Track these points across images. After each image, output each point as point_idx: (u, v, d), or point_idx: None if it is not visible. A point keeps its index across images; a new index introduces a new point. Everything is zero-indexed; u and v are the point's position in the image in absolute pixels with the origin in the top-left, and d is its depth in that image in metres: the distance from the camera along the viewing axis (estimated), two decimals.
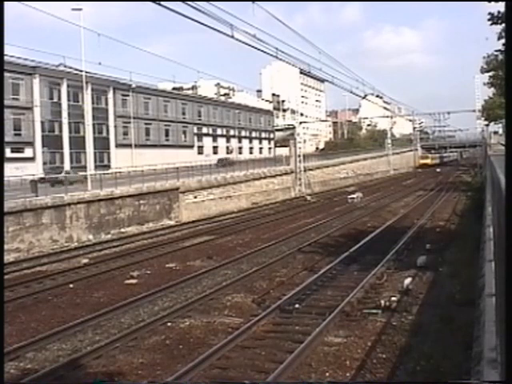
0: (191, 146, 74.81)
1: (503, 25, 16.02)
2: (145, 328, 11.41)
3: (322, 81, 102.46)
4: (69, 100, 55.25)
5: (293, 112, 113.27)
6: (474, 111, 72.89)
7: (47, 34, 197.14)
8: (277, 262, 18.32)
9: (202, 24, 10.99)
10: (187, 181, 35.46)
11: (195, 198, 35.15)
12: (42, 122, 52.76)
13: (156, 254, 21.14)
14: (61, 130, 54.60)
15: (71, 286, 16.16)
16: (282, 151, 70.79)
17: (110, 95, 61.09)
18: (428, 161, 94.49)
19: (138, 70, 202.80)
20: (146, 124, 66.32)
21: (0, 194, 6.89)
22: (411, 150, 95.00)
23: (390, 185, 59.32)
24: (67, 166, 53.56)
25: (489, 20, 16.76)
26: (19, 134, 50.01)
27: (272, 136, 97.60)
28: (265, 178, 45.51)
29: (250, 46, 13.46)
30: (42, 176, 38.02)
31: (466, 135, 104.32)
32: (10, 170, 35.81)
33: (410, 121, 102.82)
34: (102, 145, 58.69)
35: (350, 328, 11.12)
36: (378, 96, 54.36)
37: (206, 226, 30.02)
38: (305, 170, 52.16)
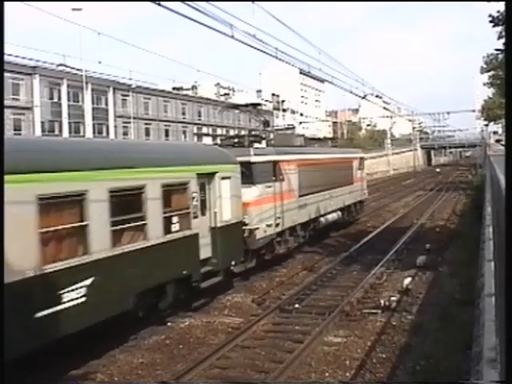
0: None
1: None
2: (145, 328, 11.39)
3: (322, 81, 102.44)
4: (69, 100, 55.23)
5: (293, 112, 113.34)
6: (473, 111, 73.10)
7: (47, 33, 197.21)
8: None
9: (202, 24, 10.96)
10: None
11: None
12: (42, 122, 52.75)
13: None
14: (61, 130, 54.56)
15: None
16: None
17: (110, 95, 61.08)
18: None
19: (138, 70, 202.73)
20: (145, 124, 66.31)
21: (0, 194, 6.87)
22: (411, 150, 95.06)
23: (390, 185, 59.29)
24: None
25: (490, 22, 16.84)
26: (19, 134, 49.98)
27: (272, 136, 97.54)
28: None
29: (250, 46, 13.42)
30: None
31: (466, 135, 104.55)
32: None
33: (410, 121, 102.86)
34: None
35: (350, 328, 11.13)
36: (377, 96, 54.20)
37: None
38: None
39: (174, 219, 11.39)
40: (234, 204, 13.75)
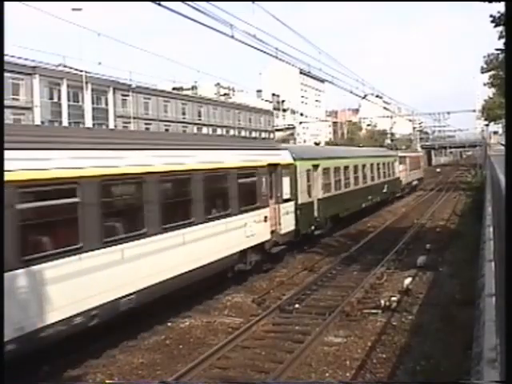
0: None
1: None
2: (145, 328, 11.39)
3: (322, 81, 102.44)
4: (69, 100, 55.16)
5: (293, 112, 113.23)
6: (474, 111, 73.07)
7: (47, 33, 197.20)
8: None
9: (202, 24, 10.96)
10: None
11: None
12: (42, 122, 52.65)
13: None
14: None
15: None
16: None
17: (110, 95, 61.01)
18: None
19: (138, 70, 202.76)
20: (146, 124, 66.24)
21: (0, 195, 6.87)
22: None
23: None
24: None
25: (491, 22, 16.83)
26: None
27: (272, 136, 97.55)
28: None
29: (250, 46, 13.43)
30: None
31: (466, 135, 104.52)
32: None
33: (410, 121, 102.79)
34: None
35: (350, 328, 11.12)
36: (377, 96, 54.24)
37: None
38: None
39: (396, 172, 37.71)
40: (397, 170, 37.85)
